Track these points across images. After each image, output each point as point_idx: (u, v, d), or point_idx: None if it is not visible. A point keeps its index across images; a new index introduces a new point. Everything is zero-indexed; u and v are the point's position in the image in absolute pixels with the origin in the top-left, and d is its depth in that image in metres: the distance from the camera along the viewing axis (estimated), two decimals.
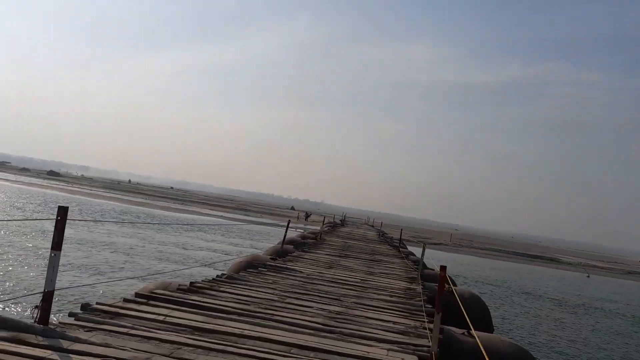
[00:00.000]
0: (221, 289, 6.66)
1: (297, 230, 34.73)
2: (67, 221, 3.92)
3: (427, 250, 12.15)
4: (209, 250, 21.50)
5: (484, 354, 3.29)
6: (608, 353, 12.52)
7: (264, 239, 30.80)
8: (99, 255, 15.69)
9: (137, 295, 5.71)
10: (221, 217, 49.99)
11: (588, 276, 43.18)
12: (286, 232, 12.40)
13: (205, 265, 16.05)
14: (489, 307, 10.75)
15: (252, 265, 9.43)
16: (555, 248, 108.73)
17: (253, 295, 6.53)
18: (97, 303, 4.97)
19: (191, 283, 6.66)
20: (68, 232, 3.94)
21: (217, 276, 7.69)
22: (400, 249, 18.99)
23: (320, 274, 9.42)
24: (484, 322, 9.71)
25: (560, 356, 11.28)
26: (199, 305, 5.51)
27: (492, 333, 8.59)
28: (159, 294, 5.77)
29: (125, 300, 5.38)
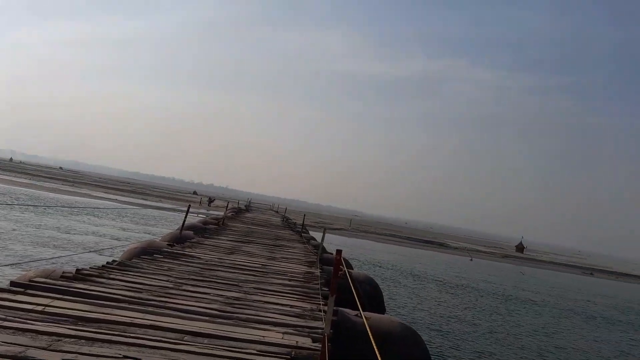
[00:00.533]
0: (111, 276, 6.30)
1: (199, 215, 33.81)
2: None
3: (327, 235, 12.51)
4: (101, 235, 20.18)
5: (369, 334, 3.47)
6: (481, 328, 13.84)
7: (162, 225, 29.60)
8: None
9: (12, 284, 5.20)
10: (116, 200, 47.08)
11: (471, 259, 47.27)
12: (186, 217, 12.02)
13: (95, 252, 15.05)
14: (382, 289, 11.37)
15: (147, 251, 9.04)
16: (444, 234, 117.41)
17: (146, 282, 6.27)
18: None
19: (77, 270, 6.22)
20: None
21: (108, 263, 7.26)
22: (302, 234, 19.33)
23: (220, 260, 9.28)
24: (377, 303, 10.27)
25: (443, 333, 12.26)
26: (84, 293, 5.17)
27: (384, 314, 9.10)
28: (39, 282, 5.31)
29: None
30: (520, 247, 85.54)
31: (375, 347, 3.34)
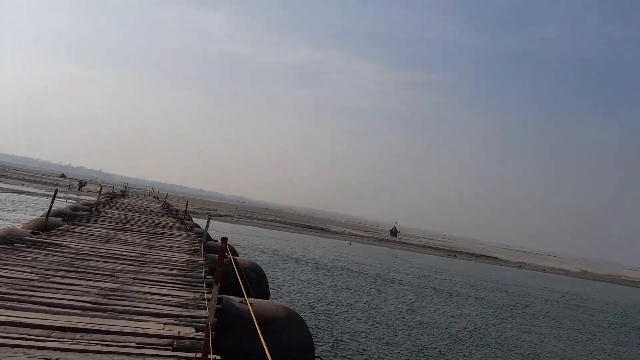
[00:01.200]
0: None
1: (69, 201, 30.97)
2: None
3: (213, 222, 12.26)
4: None
5: (258, 318, 3.52)
6: (357, 308, 14.72)
7: (23, 211, 26.60)
8: None
9: None
10: None
11: (350, 244, 49.72)
12: (52, 202, 10.94)
13: None
14: (266, 275, 11.50)
15: (6, 240, 8.09)
16: (327, 219, 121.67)
17: (6, 275, 5.62)
18: None
19: None
20: None
21: None
22: (185, 221, 18.69)
23: (94, 249, 8.63)
24: (262, 289, 10.37)
25: (323, 315, 12.80)
26: None
27: (268, 299, 9.23)
28: None
29: None
30: (394, 232, 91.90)
31: (260, 332, 3.40)
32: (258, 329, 3.18)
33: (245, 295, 4.99)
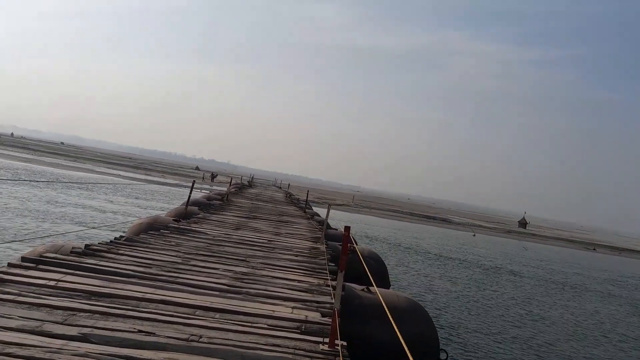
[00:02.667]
0: (120, 251, 6.35)
1: (203, 191, 33.93)
2: None
3: (331, 211, 12.54)
4: (106, 211, 20.30)
5: (385, 307, 3.50)
6: (483, 303, 14.01)
7: (166, 200, 29.72)
8: None
9: (23, 259, 5.25)
10: (119, 176, 47.19)
11: (474, 235, 47.53)
12: (191, 192, 12.05)
13: (102, 227, 15.16)
14: (386, 264, 11.46)
15: (153, 227, 9.09)
16: (447, 209, 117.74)
17: (155, 258, 6.31)
18: None
19: (86, 246, 6.27)
20: None
21: (115, 238, 7.31)
22: (306, 210, 19.39)
23: (227, 236, 9.34)
24: (382, 278, 10.35)
25: (447, 308, 12.42)
26: (95, 269, 5.22)
27: (388, 289, 9.19)
28: (50, 257, 5.36)
29: (10, 265, 4.93)
30: (523, 223, 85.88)
31: (392, 319, 3.37)
32: (390, 317, 3.15)
33: (370, 284, 5.01)
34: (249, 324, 4.14)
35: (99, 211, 19.81)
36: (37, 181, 26.88)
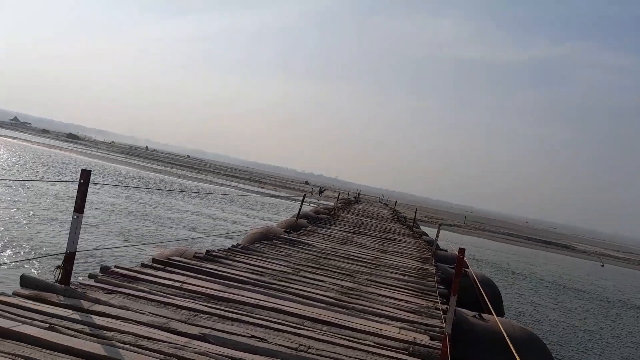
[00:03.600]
0: (236, 258, 6.73)
1: (311, 205, 34.88)
2: (89, 184, 3.97)
3: (440, 231, 12.11)
4: (223, 220, 21.75)
5: (505, 336, 3.28)
6: (610, 342, 12.47)
7: (277, 212, 31.01)
8: (117, 219, 15.98)
9: (154, 260, 5.80)
10: (236, 187, 50.37)
11: (602, 265, 42.75)
12: (301, 206, 12.45)
13: (221, 235, 16.25)
14: (500, 291, 10.76)
15: (266, 237, 9.52)
16: (570, 235, 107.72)
17: (267, 266, 6.60)
18: (115, 266, 5.06)
19: (207, 251, 6.75)
20: (88, 195, 3.99)
21: (233, 246, 7.78)
22: (414, 229, 18.98)
23: (334, 250, 9.47)
24: (495, 305, 9.72)
25: (568, 344, 11.28)
26: (214, 273, 5.59)
27: (502, 317, 8.60)
28: (176, 260, 5.86)
29: (143, 265, 5.48)
30: None
31: (512, 350, 3.15)
32: (512, 348, 2.95)
33: (482, 310, 4.73)
34: (356, 340, 4.12)
35: (217, 220, 21.29)
36: (170, 190, 29.71)
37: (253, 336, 3.74)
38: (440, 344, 4.15)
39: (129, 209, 18.75)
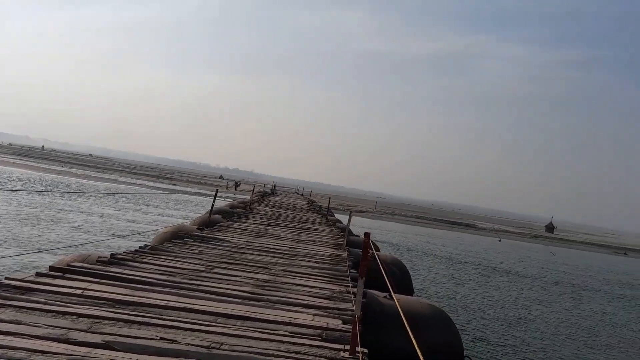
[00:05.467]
0: (144, 260, 6.45)
1: (226, 199, 34.27)
2: None
3: (353, 218, 12.50)
4: (131, 221, 20.69)
5: (401, 314, 3.47)
6: (511, 311, 13.70)
7: (190, 209, 30.11)
8: (8, 227, 14.58)
9: (51, 268, 5.38)
10: (144, 186, 48.07)
11: (500, 240, 46.66)
12: (214, 201, 12.17)
13: (127, 237, 15.45)
14: (409, 271, 11.35)
15: (177, 235, 9.21)
16: (471, 215, 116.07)
17: (178, 266, 6.40)
18: (6, 278, 4.63)
19: (112, 255, 6.40)
20: None
21: (140, 247, 7.44)
22: (328, 217, 19.38)
23: (249, 243, 9.40)
24: (405, 285, 10.25)
25: (472, 316, 12.20)
26: (120, 277, 5.31)
27: (412, 296, 9.09)
28: (77, 266, 5.48)
29: (38, 274, 5.06)
30: (550, 227, 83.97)
31: (408, 328, 3.34)
32: (407, 325, 3.12)
33: (390, 291, 4.96)
34: (270, 332, 4.15)
35: (124, 221, 20.20)
36: (68, 192, 27.60)
37: (162, 338, 3.62)
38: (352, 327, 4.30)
39: (19, 216, 17.17)
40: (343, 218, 22.12)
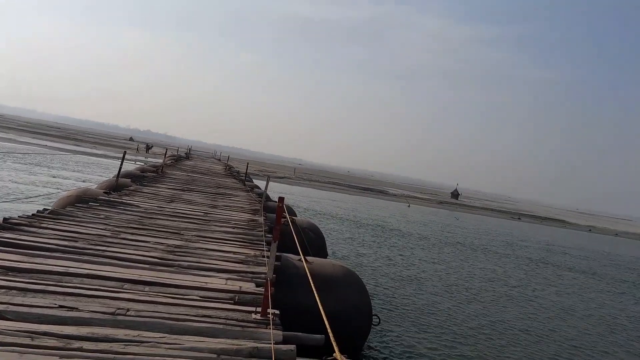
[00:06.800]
0: (43, 225, 6.00)
1: (137, 163, 32.60)
2: None
3: (272, 184, 12.50)
4: (29, 183, 19.07)
5: (309, 276, 3.57)
6: (415, 270, 14.66)
7: (97, 172, 28.34)
8: None
9: None
10: (45, 146, 44.31)
11: (409, 206, 49.25)
12: (122, 163, 11.52)
13: (25, 200, 14.24)
14: (324, 235, 11.65)
15: (81, 200, 8.65)
16: (385, 182, 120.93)
17: (82, 231, 6.03)
18: None
19: (5, 219, 5.87)
20: None
21: (38, 211, 6.89)
22: (246, 182, 19.19)
23: (160, 209, 9.07)
24: (320, 249, 10.53)
25: (381, 276, 12.87)
26: (14, 243, 4.91)
27: (326, 258, 9.37)
28: None
29: None
30: (455, 194, 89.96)
31: (314, 289, 3.44)
32: (313, 286, 3.21)
33: (302, 254, 5.06)
34: (180, 296, 4.08)
35: (22, 184, 18.57)
36: None
37: (61, 306, 3.42)
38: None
39: None
40: (262, 184, 22.03)
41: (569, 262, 23.54)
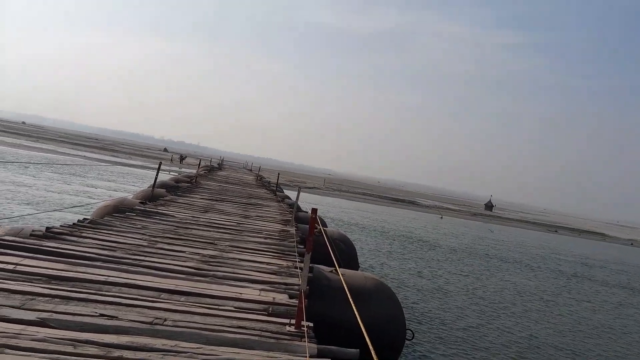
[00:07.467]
0: (83, 234, 6.18)
1: (171, 173, 33.36)
2: None
3: (302, 194, 12.54)
4: (69, 193, 19.74)
5: (346, 288, 3.54)
6: (451, 283, 14.37)
7: (133, 183, 29.10)
8: None
9: None
10: (84, 157, 45.86)
11: (441, 217, 48.49)
12: (157, 174, 11.80)
13: (65, 210, 14.74)
14: (355, 247, 11.58)
15: (119, 209, 8.89)
16: (415, 192, 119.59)
17: (120, 241, 6.18)
18: None
19: (47, 228, 6.08)
20: None
21: (79, 221, 7.11)
22: (277, 193, 19.33)
23: (195, 219, 9.22)
24: (351, 260, 10.47)
25: (415, 289, 12.67)
26: (56, 252, 5.07)
27: (357, 270, 9.30)
28: (8, 241, 5.17)
29: None
30: (489, 206, 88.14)
31: (352, 301, 3.41)
32: (350, 299, 3.18)
33: (335, 265, 5.04)
34: (215, 307, 4.11)
35: (62, 193, 19.24)
36: (3, 162, 25.85)
37: (102, 315, 3.50)
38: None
39: None
40: (292, 194, 22.17)
41: (607, 277, 22.66)
